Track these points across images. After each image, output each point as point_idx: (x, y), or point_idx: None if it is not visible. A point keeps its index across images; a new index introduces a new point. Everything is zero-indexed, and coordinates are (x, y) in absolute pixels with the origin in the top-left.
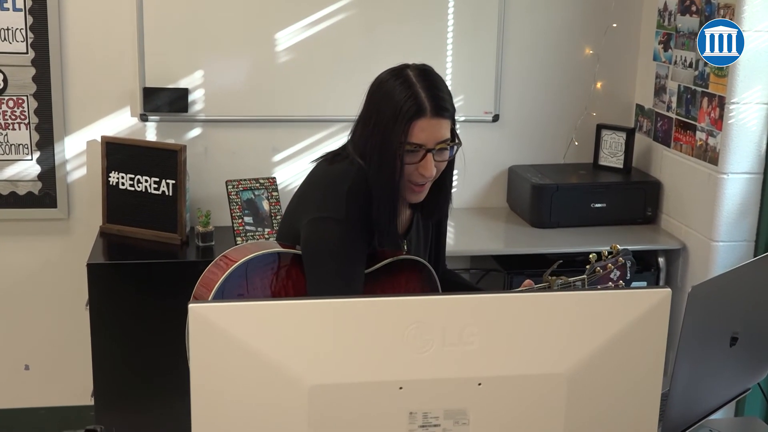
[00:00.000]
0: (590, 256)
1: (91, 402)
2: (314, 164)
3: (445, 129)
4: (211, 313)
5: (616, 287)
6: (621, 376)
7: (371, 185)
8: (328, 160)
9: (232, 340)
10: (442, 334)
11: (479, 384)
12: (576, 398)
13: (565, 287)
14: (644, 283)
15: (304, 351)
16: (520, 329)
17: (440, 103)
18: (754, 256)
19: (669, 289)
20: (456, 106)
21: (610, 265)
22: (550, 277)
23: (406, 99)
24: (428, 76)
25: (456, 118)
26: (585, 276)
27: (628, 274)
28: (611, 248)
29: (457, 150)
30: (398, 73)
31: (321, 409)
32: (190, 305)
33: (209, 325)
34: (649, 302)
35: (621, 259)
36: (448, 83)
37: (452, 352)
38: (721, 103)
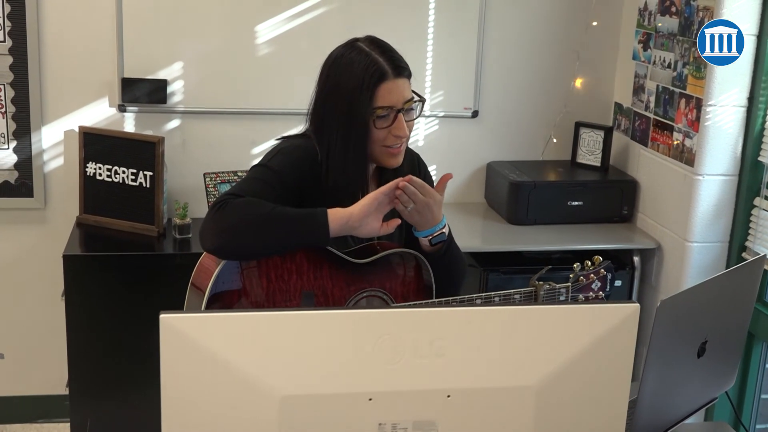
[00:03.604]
0: (574, 265)
1: (66, 392)
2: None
3: (407, 88)
4: (182, 323)
5: (596, 297)
6: (589, 389)
7: (335, 157)
8: (283, 138)
9: (203, 350)
10: (412, 346)
11: (448, 396)
12: (544, 411)
13: (551, 293)
14: (619, 282)
15: (275, 362)
16: (490, 342)
17: (398, 63)
18: (728, 257)
19: (637, 305)
20: (436, 101)
21: (592, 275)
22: (537, 282)
23: (366, 66)
24: (380, 43)
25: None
26: (569, 284)
27: (608, 287)
28: (594, 260)
29: (422, 107)
30: (350, 46)
31: (291, 420)
32: (161, 315)
33: (180, 335)
34: (617, 317)
35: (603, 271)
36: (428, 79)
37: (422, 364)
38: (698, 104)
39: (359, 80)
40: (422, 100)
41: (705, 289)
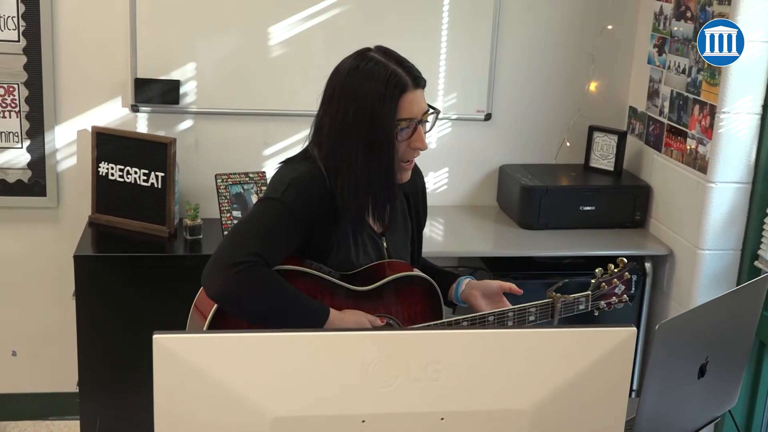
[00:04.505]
0: (596, 270)
1: (76, 390)
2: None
3: (424, 99)
4: (175, 343)
5: (620, 301)
6: (584, 413)
7: (358, 173)
8: (284, 163)
9: (196, 371)
10: (406, 369)
11: (442, 419)
12: None
13: (569, 305)
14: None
15: (267, 383)
16: (485, 365)
17: (416, 74)
18: (740, 266)
19: (634, 328)
20: (449, 104)
21: (615, 280)
22: (554, 294)
23: (387, 78)
24: (393, 54)
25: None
26: (590, 292)
27: (633, 288)
28: (618, 262)
29: (436, 118)
30: (363, 56)
31: None
32: (154, 336)
33: (173, 355)
34: (614, 341)
35: (627, 274)
36: (441, 81)
37: (416, 387)
38: (712, 111)
39: (380, 91)
40: (437, 112)
41: (706, 310)
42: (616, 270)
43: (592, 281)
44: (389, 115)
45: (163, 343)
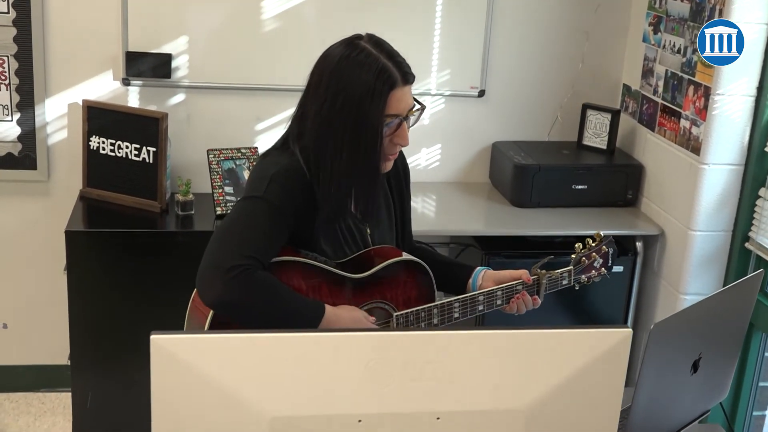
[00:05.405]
0: (576, 245)
1: (67, 363)
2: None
3: (411, 95)
4: (173, 344)
5: (599, 274)
6: (579, 413)
7: (342, 165)
8: (264, 155)
9: (194, 371)
10: (402, 369)
11: (438, 418)
12: None
13: (553, 282)
14: (621, 268)
15: (265, 383)
16: (481, 365)
17: (406, 69)
18: (731, 247)
19: (630, 330)
20: (442, 80)
21: (594, 254)
22: (539, 271)
23: (378, 72)
24: (383, 45)
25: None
26: (571, 267)
27: (610, 261)
28: (595, 236)
29: (421, 114)
30: (353, 46)
31: None
32: (152, 336)
33: (171, 355)
34: (609, 342)
35: (604, 247)
36: (435, 57)
37: (412, 387)
38: (706, 93)
39: (370, 86)
40: (422, 108)
41: (700, 308)
42: (594, 244)
43: (573, 256)
44: (377, 110)
45: (160, 343)
